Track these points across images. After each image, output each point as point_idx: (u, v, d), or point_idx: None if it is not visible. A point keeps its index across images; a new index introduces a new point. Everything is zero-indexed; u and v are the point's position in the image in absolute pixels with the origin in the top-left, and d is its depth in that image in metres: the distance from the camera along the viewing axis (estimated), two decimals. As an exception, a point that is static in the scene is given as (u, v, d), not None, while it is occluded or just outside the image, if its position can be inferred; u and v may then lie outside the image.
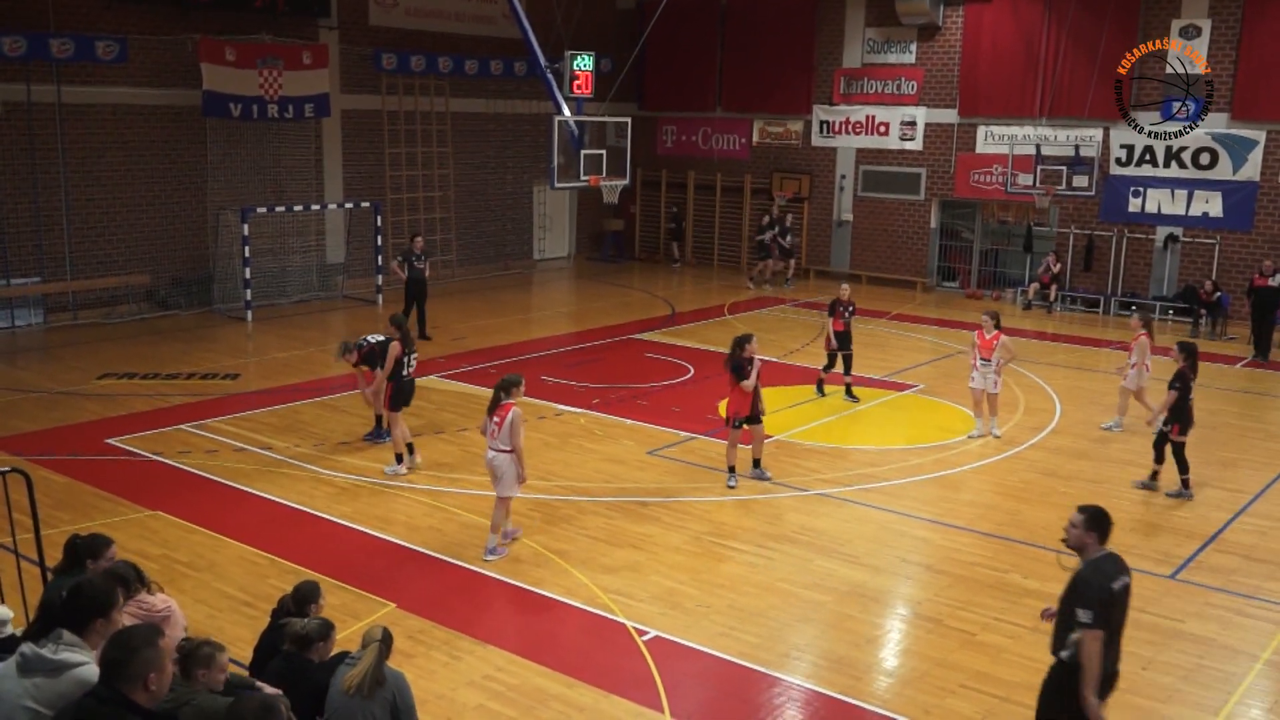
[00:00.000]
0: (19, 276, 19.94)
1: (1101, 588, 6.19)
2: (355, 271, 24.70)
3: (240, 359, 18.26)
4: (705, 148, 30.17)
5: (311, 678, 6.06)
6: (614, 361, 18.65)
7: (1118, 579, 6.30)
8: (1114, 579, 6.27)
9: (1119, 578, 6.31)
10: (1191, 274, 23.30)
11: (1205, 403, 16.83)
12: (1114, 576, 6.28)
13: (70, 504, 11.42)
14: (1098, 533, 6.35)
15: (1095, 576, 6.25)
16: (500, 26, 26.61)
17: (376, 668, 5.86)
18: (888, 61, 26.84)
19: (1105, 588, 6.20)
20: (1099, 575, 6.25)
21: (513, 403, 10.18)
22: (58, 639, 4.70)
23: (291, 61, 22.45)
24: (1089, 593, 6.19)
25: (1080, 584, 6.28)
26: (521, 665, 8.37)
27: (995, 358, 14.38)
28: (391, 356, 12.72)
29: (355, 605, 9.16)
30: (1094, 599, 6.15)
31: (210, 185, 22.24)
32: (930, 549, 10.94)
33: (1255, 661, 8.72)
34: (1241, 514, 12.02)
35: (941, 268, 27.16)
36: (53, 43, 19.45)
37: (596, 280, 27.63)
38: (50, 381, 16.41)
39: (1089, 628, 6.13)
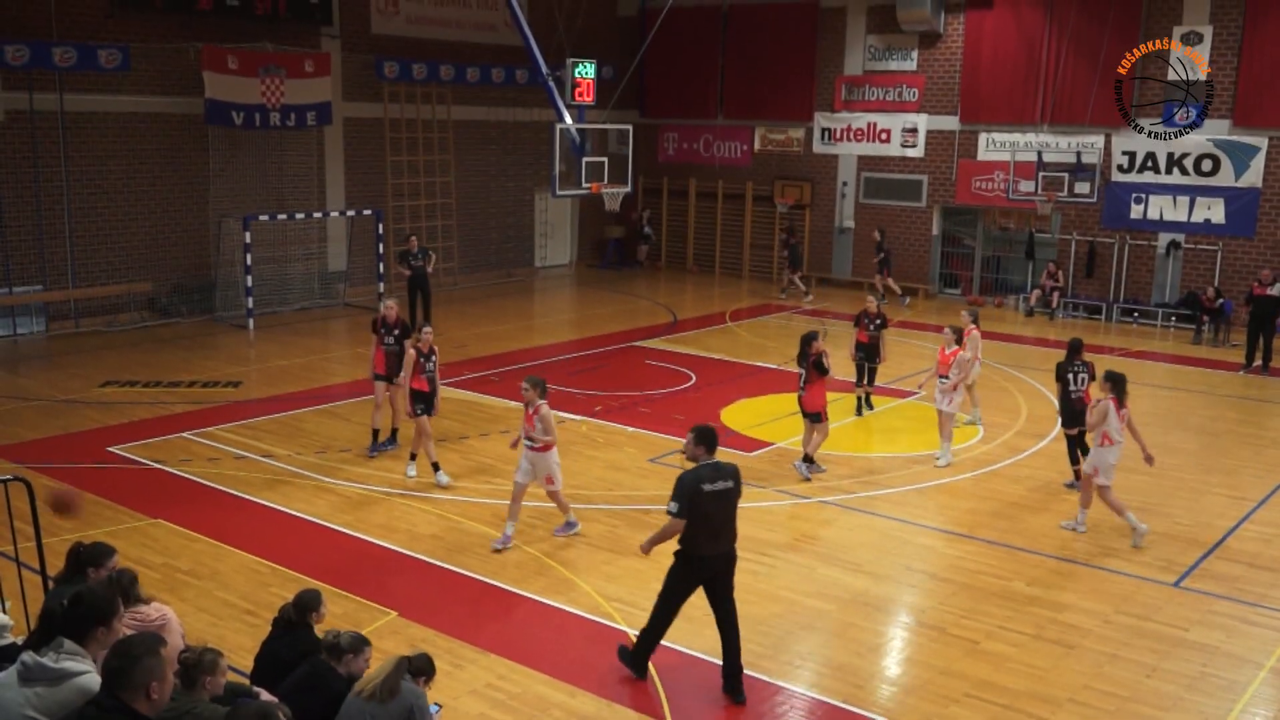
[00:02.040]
0: (21, 284, 19.95)
1: (692, 487, 7.76)
2: (357, 279, 24.70)
3: (242, 367, 18.26)
4: (707, 155, 30.18)
5: (332, 686, 6.12)
6: (616, 369, 18.64)
7: (716, 482, 7.84)
8: (709, 481, 7.82)
9: (717, 481, 7.85)
10: (1194, 281, 23.28)
11: (1207, 409, 16.86)
12: (710, 480, 7.83)
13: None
14: (705, 446, 7.99)
15: (689, 476, 7.85)
16: (502, 34, 26.64)
17: (391, 675, 5.87)
18: (889, 68, 26.85)
19: (696, 488, 7.75)
20: (693, 476, 7.82)
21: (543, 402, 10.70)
22: (59, 647, 4.70)
23: (294, 70, 22.47)
24: (679, 488, 7.80)
25: (677, 482, 7.86)
26: (524, 673, 8.35)
27: (950, 374, 13.54)
28: (408, 362, 12.59)
29: (357, 614, 9.15)
30: (682, 494, 7.77)
31: (212, 193, 22.25)
32: (933, 557, 10.92)
33: (1260, 669, 8.69)
34: (1245, 521, 12.00)
35: (944, 274, 27.15)
36: (55, 51, 19.48)
37: (598, 287, 27.63)
38: (52, 389, 16.41)
39: (671, 515, 7.84)
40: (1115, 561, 10.78)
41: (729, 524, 7.97)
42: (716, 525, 7.90)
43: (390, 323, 13.45)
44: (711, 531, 7.89)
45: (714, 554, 7.95)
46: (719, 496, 7.86)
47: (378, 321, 13.55)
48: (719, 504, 7.88)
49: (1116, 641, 9.07)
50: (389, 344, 13.42)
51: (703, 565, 7.96)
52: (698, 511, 7.80)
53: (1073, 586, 10.16)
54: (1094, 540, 11.33)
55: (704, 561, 7.95)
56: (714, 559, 7.97)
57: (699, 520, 7.82)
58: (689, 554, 7.94)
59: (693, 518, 7.81)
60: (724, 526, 7.94)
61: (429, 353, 12.64)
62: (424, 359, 12.60)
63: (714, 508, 7.85)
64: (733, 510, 8.00)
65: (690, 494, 7.78)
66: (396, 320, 13.50)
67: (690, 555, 7.94)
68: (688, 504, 7.79)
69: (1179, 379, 18.95)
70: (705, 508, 7.81)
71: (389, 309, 13.53)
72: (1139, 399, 17.44)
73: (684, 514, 7.81)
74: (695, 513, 7.80)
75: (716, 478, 7.88)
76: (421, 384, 12.56)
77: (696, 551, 7.91)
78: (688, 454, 8.10)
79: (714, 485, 7.84)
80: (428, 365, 12.63)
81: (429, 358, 12.63)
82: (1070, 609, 9.66)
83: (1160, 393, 18.05)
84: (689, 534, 7.88)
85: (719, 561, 8.01)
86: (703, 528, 7.85)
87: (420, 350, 12.61)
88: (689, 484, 7.80)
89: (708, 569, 8.00)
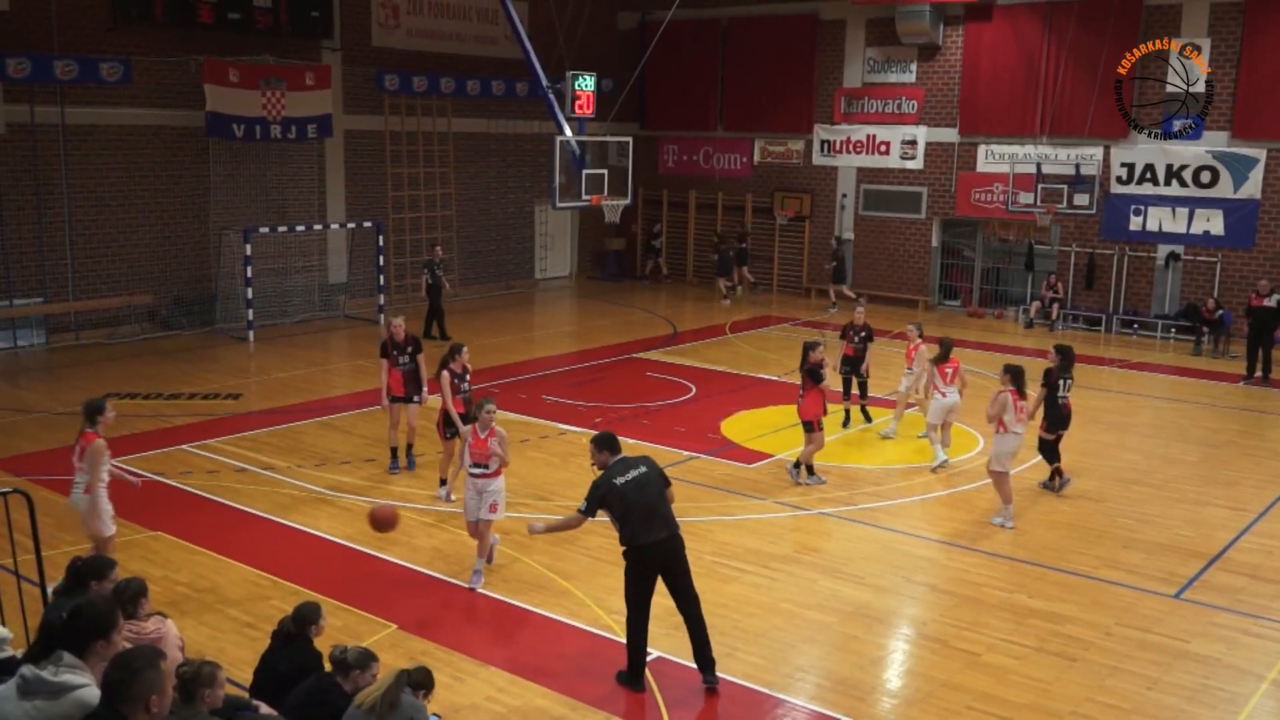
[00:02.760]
0: (21, 297, 19.97)
1: (604, 486, 8.13)
2: (357, 291, 24.72)
3: (242, 379, 18.26)
4: (707, 167, 30.24)
5: (335, 702, 6.12)
6: (616, 381, 18.63)
7: (628, 474, 8.16)
8: (620, 475, 8.14)
9: (629, 473, 8.17)
10: (1193, 292, 23.30)
11: (1207, 421, 16.86)
12: (621, 474, 8.15)
13: (72, 525, 11.34)
14: (607, 449, 8.33)
15: (600, 479, 8.22)
16: (502, 47, 26.73)
17: (391, 689, 5.85)
18: (888, 81, 26.92)
19: (608, 485, 8.11)
20: (604, 478, 8.20)
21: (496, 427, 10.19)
22: (58, 661, 4.68)
23: (294, 82, 22.53)
24: (590, 491, 8.21)
25: (591, 486, 8.24)
26: (523, 686, 8.33)
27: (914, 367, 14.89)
28: (445, 385, 12.09)
29: (357, 627, 9.13)
30: (593, 495, 8.17)
31: (213, 205, 22.28)
32: (935, 569, 10.90)
33: (1261, 682, 8.67)
34: (1246, 533, 11.98)
35: (943, 286, 27.17)
36: (57, 64, 19.53)
37: (598, 299, 27.65)
38: (52, 402, 16.41)
39: (579, 512, 8.27)
40: (1116, 573, 10.76)
41: (658, 509, 8.14)
42: (644, 512, 8.07)
43: (401, 341, 13.03)
44: (642, 519, 8.06)
45: (652, 540, 8.07)
46: (636, 485, 8.11)
47: (388, 343, 13.07)
48: (638, 491, 8.10)
49: (1118, 654, 9.05)
50: (404, 364, 13.04)
51: (647, 554, 8.10)
52: (620, 505, 8.06)
53: (1074, 598, 10.14)
54: (1094, 552, 11.31)
55: (646, 550, 8.08)
56: (655, 545, 8.09)
57: (625, 513, 8.06)
58: (630, 546, 8.11)
59: (620, 513, 8.07)
60: (653, 512, 8.11)
61: (462, 372, 12.32)
62: (458, 379, 12.22)
63: (635, 496, 8.08)
64: (657, 494, 8.20)
65: (603, 493, 8.12)
66: (407, 338, 13.08)
67: (632, 547, 8.10)
68: (597, 503, 8.14)
69: (1179, 390, 18.95)
70: (626, 499, 8.06)
71: (397, 328, 13.08)
72: (1139, 411, 17.49)
73: (588, 513, 8.21)
74: (620, 508, 8.06)
75: (628, 469, 8.20)
76: (459, 405, 12.12)
77: (635, 542, 8.07)
78: (595, 463, 8.41)
79: (626, 476, 8.13)
80: (463, 385, 12.29)
81: (463, 377, 12.33)
82: (1072, 621, 9.64)
83: (1160, 404, 18.05)
84: (624, 531, 8.09)
85: (663, 548, 8.13)
86: (632, 518, 8.05)
87: (454, 371, 12.18)
88: (600, 485, 8.17)
89: (655, 558, 8.13)
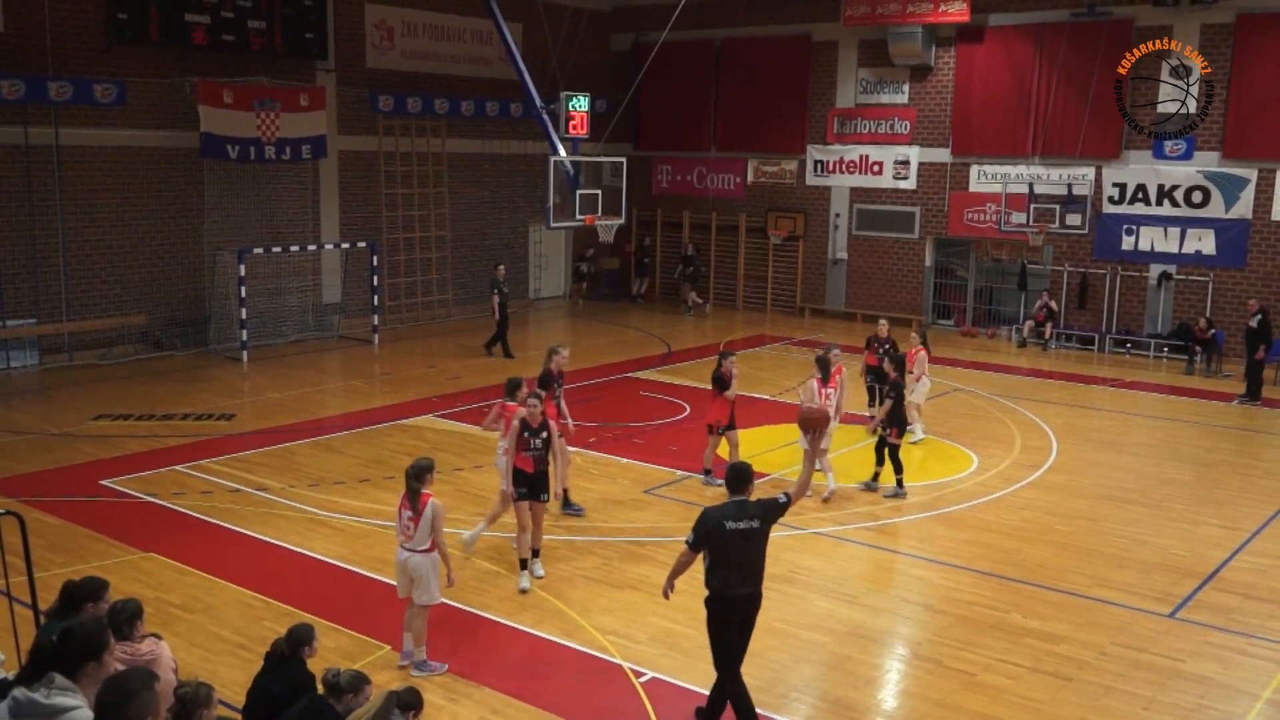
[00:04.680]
0: (15, 318, 19.93)
1: (714, 522, 7.60)
2: (352, 311, 24.72)
3: (236, 399, 18.24)
4: (700, 187, 30.32)
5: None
6: (610, 400, 18.63)
7: (740, 521, 7.61)
8: (733, 519, 7.61)
9: (741, 520, 7.62)
10: (1185, 311, 23.38)
11: (1201, 440, 16.88)
12: (734, 518, 7.62)
13: (64, 546, 11.36)
14: (735, 485, 7.80)
15: (712, 510, 7.74)
16: (496, 68, 26.83)
17: (381, 711, 5.83)
18: (881, 101, 27.04)
19: (718, 523, 7.58)
20: (717, 512, 7.70)
21: (430, 492, 8.93)
22: (50, 683, 4.67)
23: (289, 103, 22.58)
24: (699, 522, 7.67)
25: (700, 515, 7.74)
26: (518, 708, 8.30)
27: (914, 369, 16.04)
28: (513, 431, 10.74)
29: (351, 648, 9.09)
30: (700, 530, 7.62)
31: (207, 226, 22.29)
32: (929, 588, 10.89)
33: (1256, 701, 8.66)
34: (1240, 552, 11.99)
35: (937, 305, 27.23)
36: (51, 85, 19.56)
37: (592, 319, 27.67)
38: (45, 423, 16.37)
39: (687, 545, 7.69)
40: (1111, 593, 10.76)
41: (754, 565, 7.71)
42: (739, 564, 7.63)
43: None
44: (736, 570, 7.63)
45: (739, 595, 7.68)
46: (743, 536, 7.62)
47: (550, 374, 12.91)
48: (741, 543, 7.63)
49: (1113, 673, 9.04)
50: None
51: (730, 605, 7.69)
52: (720, 551, 7.59)
53: (1068, 618, 10.13)
54: (1088, 571, 11.31)
55: (731, 602, 7.68)
56: (742, 599, 7.71)
57: (723, 561, 7.60)
58: (715, 594, 7.69)
59: (716, 556, 7.61)
60: (748, 566, 7.68)
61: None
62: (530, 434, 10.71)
63: (737, 547, 7.62)
64: (758, 551, 7.74)
65: (709, 529, 7.59)
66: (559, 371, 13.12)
67: (717, 596, 7.68)
68: (705, 538, 7.61)
69: (1172, 409, 18.99)
70: (729, 547, 7.59)
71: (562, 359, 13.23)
72: (1131, 430, 17.52)
73: (696, 547, 7.65)
74: (717, 550, 7.60)
75: (740, 516, 7.65)
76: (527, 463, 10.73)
77: (724, 591, 7.64)
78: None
79: (737, 524, 7.61)
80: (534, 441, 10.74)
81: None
82: (1066, 641, 9.63)
83: (1154, 423, 18.08)
84: (714, 574, 7.64)
85: (749, 603, 7.78)
86: (727, 567, 7.61)
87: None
88: (710, 518, 7.64)
89: (737, 610, 7.74)
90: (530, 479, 10.54)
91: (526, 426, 10.57)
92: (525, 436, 10.54)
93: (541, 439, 10.59)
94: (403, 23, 25.72)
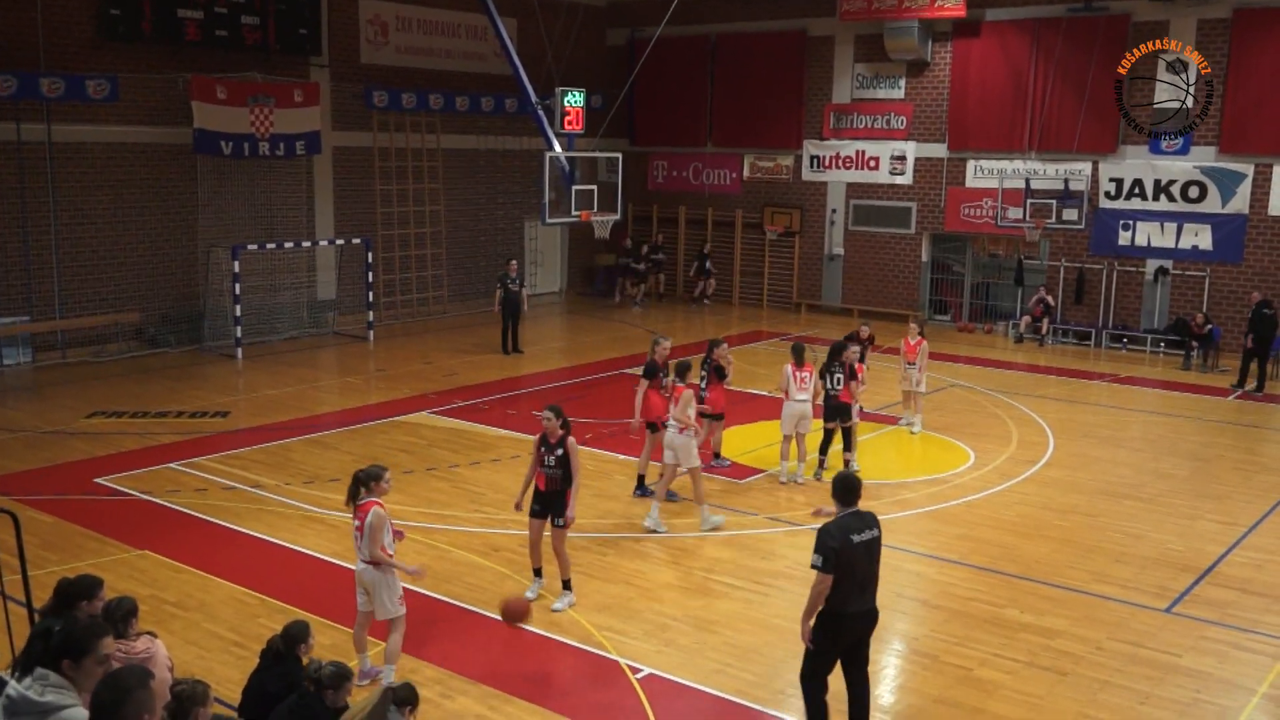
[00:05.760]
0: (7, 315, 19.85)
1: (840, 537, 7.25)
2: (346, 308, 24.67)
3: (230, 396, 18.19)
4: (696, 183, 30.29)
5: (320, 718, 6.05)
6: (605, 396, 18.59)
7: (863, 533, 7.36)
8: (856, 532, 7.33)
9: (864, 532, 7.37)
10: (1182, 307, 23.38)
11: (1198, 435, 16.88)
12: (857, 530, 7.34)
13: (58, 544, 11.32)
14: (844, 498, 7.49)
15: (834, 526, 7.36)
16: (491, 64, 26.77)
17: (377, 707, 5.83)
18: (877, 97, 27.02)
19: (844, 538, 7.25)
20: (839, 527, 7.34)
21: (376, 501, 8.43)
22: (44, 680, 4.63)
23: (283, 99, 22.51)
24: (822, 539, 7.26)
25: (820, 533, 7.34)
26: (514, 704, 8.28)
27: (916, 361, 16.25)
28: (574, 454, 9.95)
29: (346, 645, 9.06)
30: (826, 545, 7.22)
31: (201, 222, 22.22)
32: (925, 584, 10.88)
33: (1253, 695, 8.66)
34: (1236, 546, 11.98)
35: (933, 301, 27.23)
36: (43, 82, 19.48)
37: (588, 315, 27.64)
38: (38, 421, 16.32)
39: (817, 570, 7.25)
40: (1107, 588, 10.75)
41: (874, 579, 7.52)
42: (862, 580, 7.39)
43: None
44: (858, 586, 7.36)
45: (861, 610, 7.44)
46: (867, 548, 7.39)
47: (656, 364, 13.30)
48: (868, 556, 7.41)
49: (1109, 668, 9.03)
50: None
51: (850, 624, 7.44)
52: (845, 565, 7.25)
53: (1065, 613, 10.12)
54: (1085, 566, 11.30)
55: (849, 620, 7.41)
56: (862, 615, 7.48)
57: (846, 574, 7.27)
58: (835, 612, 7.34)
59: (841, 572, 7.25)
60: (870, 581, 7.47)
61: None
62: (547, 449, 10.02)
63: (864, 560, 7.38)
64: (877, 563, 7.53)
65: (839, 545, 7.23)
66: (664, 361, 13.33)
67: (837, 613, 7.36)
68: (834, 557, 7.21)
69: (1168, 405, 19.00)
70: (854, 562, 7.30)
71: (664, 349, 13.48)
72: (1129, 425, 17.52)
73: (829, 568, 7.22)
74: (844, 566, 7.25)
75: (862, 527, 7.40)
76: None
77: (845, 609, 7.33)
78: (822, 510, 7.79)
79: (861, 536, 7.36)
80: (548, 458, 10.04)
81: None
82: (1063, 636, 9.62)
83: (1150, 418, 18.08)
84: (836, 590, 7.28)
85: (868, 619, 7.55)
86: (850, 582, 7.30)
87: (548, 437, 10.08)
88: (836, 534, 7.28)
89: (855, 629, 7.51)
90: (543, 497, 9.93)
91: (544, 442, 9.91)
92: (541, 452, 9.91)
93: (556, 456, 9.82)
94: (397, 18, 25.66)
